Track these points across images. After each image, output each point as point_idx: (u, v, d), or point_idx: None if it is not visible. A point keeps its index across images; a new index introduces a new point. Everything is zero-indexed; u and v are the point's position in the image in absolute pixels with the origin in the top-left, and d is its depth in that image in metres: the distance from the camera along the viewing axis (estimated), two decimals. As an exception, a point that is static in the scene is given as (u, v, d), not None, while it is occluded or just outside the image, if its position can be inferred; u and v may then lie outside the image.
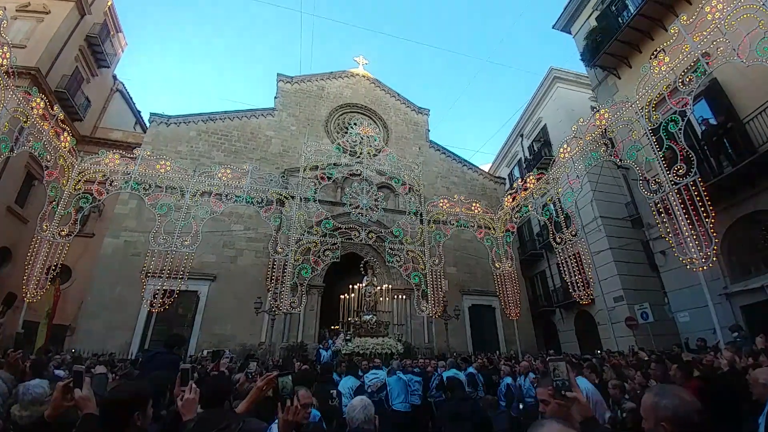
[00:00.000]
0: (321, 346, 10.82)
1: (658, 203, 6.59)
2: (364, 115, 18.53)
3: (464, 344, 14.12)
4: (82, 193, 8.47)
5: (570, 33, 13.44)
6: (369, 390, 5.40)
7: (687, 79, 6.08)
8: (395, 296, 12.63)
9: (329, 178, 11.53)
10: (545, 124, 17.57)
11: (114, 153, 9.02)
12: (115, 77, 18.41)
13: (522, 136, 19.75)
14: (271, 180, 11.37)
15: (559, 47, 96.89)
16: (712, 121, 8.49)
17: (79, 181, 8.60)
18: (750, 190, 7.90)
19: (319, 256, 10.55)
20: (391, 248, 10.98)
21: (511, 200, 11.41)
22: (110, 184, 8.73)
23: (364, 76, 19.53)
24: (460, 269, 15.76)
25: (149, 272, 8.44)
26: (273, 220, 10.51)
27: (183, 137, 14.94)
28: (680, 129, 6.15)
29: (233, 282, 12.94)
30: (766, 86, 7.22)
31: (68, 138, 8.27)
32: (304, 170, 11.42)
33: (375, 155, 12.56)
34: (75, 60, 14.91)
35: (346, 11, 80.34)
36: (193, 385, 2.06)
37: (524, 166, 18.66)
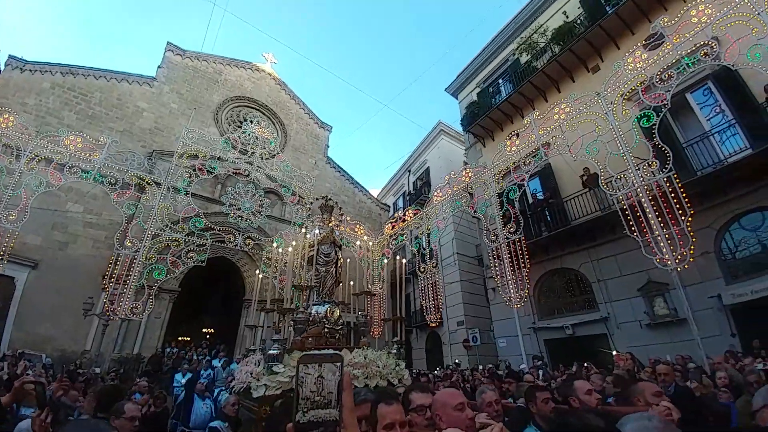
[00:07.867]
0: (181, 382, 6.41)
1: (494, 250, 8.26)
2: (263, 114, 17.63)
3: (326, 360, 14.29)
4: None
5: (457, 99, 16.00)
6: None
7: (527, 161, 7.99)
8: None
9: (210, 172, 10.48)
10: (429, 167, 20.02)
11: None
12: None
13: (409, 171, 21.96)
14: (134, 160, 9.57)
15: (448, 106, 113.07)
16: (540, 195, 11.12)
17: None
18: (560, 251, 10.31)
19: (179, 257, 9.33)
20: (268, 258, 10.53)
21: (390, 228, 12.48)
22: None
23: (270, 75, 18.69)
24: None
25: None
26: (127, 207, 8.87)
27: (34, 88, 11.70)
28: (516, 197, 8.03)
29: (59, 273, 10.24)
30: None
31: None
32: (180, 156, 10.10)
33: (268, 159, 12.06)
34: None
35: (260, 17, 76.79)
36: None
37: (407, 198, 20.68)
